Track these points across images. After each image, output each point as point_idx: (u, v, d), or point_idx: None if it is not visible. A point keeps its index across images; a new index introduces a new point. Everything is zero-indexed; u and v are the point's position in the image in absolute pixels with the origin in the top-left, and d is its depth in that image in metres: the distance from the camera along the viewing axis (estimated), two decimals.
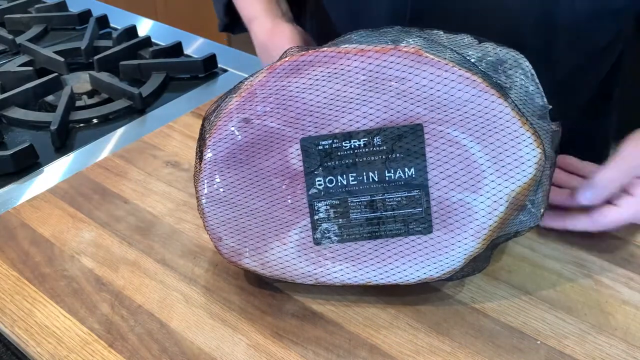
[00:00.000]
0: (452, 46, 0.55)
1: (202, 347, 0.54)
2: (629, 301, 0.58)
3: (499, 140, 0.52)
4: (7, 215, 0.69)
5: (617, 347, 0.54)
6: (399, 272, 0.56)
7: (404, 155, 0.54)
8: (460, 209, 0.54)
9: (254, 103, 0.55)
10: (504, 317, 0.57)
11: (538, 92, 0.56)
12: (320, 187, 0.55)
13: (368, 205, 0.55)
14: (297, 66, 0.54)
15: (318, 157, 0.55)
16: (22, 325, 0.57)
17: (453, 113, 0.52)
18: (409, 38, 0.55)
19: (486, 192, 0.53)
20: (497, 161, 0.53)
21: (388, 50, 0.52)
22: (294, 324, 0.57)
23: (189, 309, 0.58)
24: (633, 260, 0.62)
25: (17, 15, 1.18)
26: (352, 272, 0.56)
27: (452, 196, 0.54)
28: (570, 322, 0.56)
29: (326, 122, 0.54)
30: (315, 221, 0.56)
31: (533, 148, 0.52)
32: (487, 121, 0.52)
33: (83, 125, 0.89)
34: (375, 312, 0.57)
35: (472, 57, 0.55)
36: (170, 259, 0.63)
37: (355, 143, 0.54)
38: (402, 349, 0.54)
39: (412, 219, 0.55)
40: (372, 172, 0.54)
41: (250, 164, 0.56)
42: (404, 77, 0.52)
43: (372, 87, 0.53)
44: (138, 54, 1.05)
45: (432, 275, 0.56)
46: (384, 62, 0.52)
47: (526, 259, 0.63)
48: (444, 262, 0.55)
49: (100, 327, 0.56)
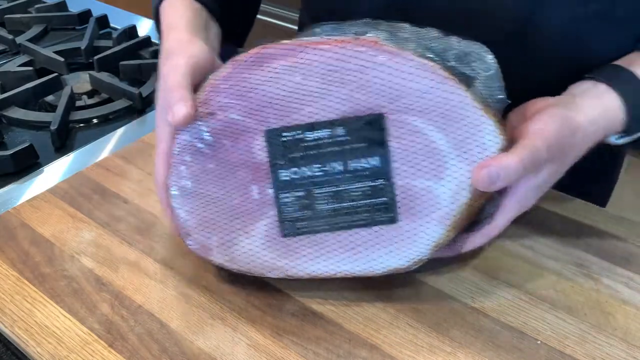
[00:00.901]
0: (415, 38, 0.55)
1: (202, 347, 0.54)
2: (629, 301, 0.58)
3: (461, 129, 0.53)
4: (7, 215, 0.69)
5: (617, 347, 0.54)
6: (367, 262, 0.56)
7: (367, 145, 0.54)
8: (424, 197, 0.54)
9: (218, 96, 0.55)
10: (504, 317, 0.57)
11: (499, 86, 0.56)
12: (285, 179, 0.56)
13: (333, 196, 0.55)
14: (258, 59, 0.54)
15: (282, 148, 0.55)
16: (22, 325, 0.57)
17: (414, 103, 0.53)
18: (373, 31, 0.55)
19: (449, 179, 0.54)
20: (459, 148, 0.53)
21: (347, 43, 0.53)
22: (293, 323, 0.57)
23: (189, 309, 0.58)
24: (633, 260, 0.62)
25: (17, 15, 1.18)
26: (320, 264, 0.57)
27: (416, 185, 0.54)
28: (570, 322, 0.56)
29: (287, 114, 0.54)
30: (282, 213, 0.56)
31: (495, 135, 0.53)
32: (448, 109, 0.52)
33: (83, 125, 0.89)
34: (375, 312, 0.57)
35: (436, 49, 0.55)
36: (170, 259, 0.63)
37: (319, 134, 0.54)
38: (402, 349, 0.54)
39: (377, 209, 0.55)
40: (336, 162, 0.55)
41: (216, 158, 0.56)
42: (363, 68, 0.53)
43: (333, 79, 0.53)
44: (138, 54, 1.05)
45: (401, 265, 0.56)
46: (342, 54, 0.53)
47: (526, 258, 0.63)
48: (411, 250, 0.55)
49: (100, 327, 0.56)
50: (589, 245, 0.64)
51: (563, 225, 0.67)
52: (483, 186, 0.52)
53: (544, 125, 0.55)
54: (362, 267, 0.56)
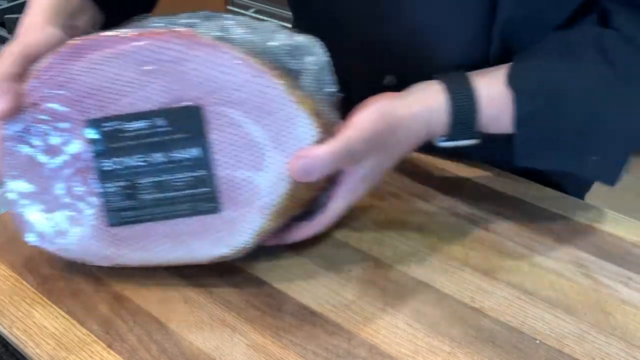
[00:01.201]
0: (245, 32, 0.56)
1: (201, 348, 0.54)
2: (628, 300, 0.58)
3: (276, 121, 0.54)
4: (6, 216, 0.69)
5: (616, 346, 0.54)
6: (192, 251, 0.58)
7: (187, 136, 0.55)
8: (245, 188, 0.55)
9: (40, 87, 0.56)
10: (503, 317, 0.57)
11: (330, 79, 0.58)
12: (108, 169, 0.56)
13: (156, 186, 0.56)
14: (78, 49, 0.55)
15: (104, 139, 0.56)
16: (20, 326, 0.57)
17: (230, 95, 0.54)
18: (205, 24, 0.56)
19: (268, 170, 0.55)
20: (275, 140, 0.54)
21: (162, 35, 0.53)
22: (293, 323, 0.57)
23: (188, 309, 0.58)
24: (632, 260, 0.62)
25: (17, 15, 1.18)
26: (147, 253, 0.58)
27: (237, 175, 0.55)
28: (569, 322, 0.56)
29: (107, 105, 0.55)
30: (107, 203, 0.57)
31: (311, 127, 0.54)
32: (264, 102, 0.54)
33: None
34: (375, 311, 0.57)
35: (265, 42, 0.56)
36: None
37: (139, 125, 0.55)
38: (402, 349, 0.54)
39: (200, 199, 0.56)
40: (158, 153, 0.56)
41: (41, 148, 0.57)
42: (179, 60, 0.54)
43: (150, 71, 0.54)
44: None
45: (225, 253, 0.57)
46: (158, 47, 0.54)
47: (525, 258, 0.63)
48: (234, 239, 0.57)
49: (99, 328, 0.56)
50: (588, 244, 0.64)
51: (562, 225, 0.67)
52: (298, 177, 0.55)
53: (360, 117, 0.57)
54: (188, 256, 0.58)
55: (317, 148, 0.54)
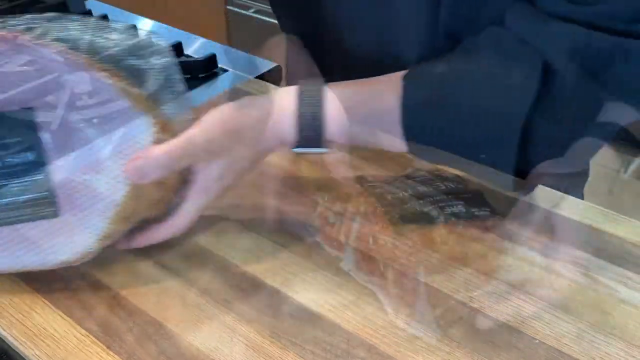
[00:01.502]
0: (84, 32, 0.55)
1: (200, 348, 0.54)
2: (627, 300, 0.58)
3: (111, 123, 0.53)
4: None
5: (616, 345, 0.54)
6: (36, 255, 0.57)
7: (21, 140, 0.54)
8: (84, 191, 0.55)
9: None
10: (502, 317, 0.57)
11: (178, 78, 0.57)
12: None
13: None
14: None
15: None
16: (19, 327, 0.57)
17: (63, 96, 0.53)
18: (43, 25, 0.55)
19: (106, 172, 0.54)
20: (112, 142, 0.54)
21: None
22: (292, 324, 0.57)
23: (186, 309, 0.58)
24: (631, 259, 0.62)
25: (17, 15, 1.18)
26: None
27: (74, 179, 0.55)
28: (568, 321, 0.56)
29: None
30: None
31: (148, 129, 0.54)
32: (97, 103, 0.53)
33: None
34: (373, 311, 0.57)
35: (106, 42, 0.55)
36: (168, 260, 0.63)
37: None
38: (401, 349, 0.54)
39: (39, 203, 0.55)
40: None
41: None
42: (4, 63, 0.53)
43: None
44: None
45: (69, 258, 0.57)
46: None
47: (524, 257, 0.63)
48: (77, 243, 0.56)
49: (97, 329, 0.56)
50: (588, 244, 0.64)
51: (562, 225, 0.67)
52: (134, 179, 0.54)
53: (206, 117, 0.57)
54: (34, 262, 0.57)
55: (153, 149, 0.54)
